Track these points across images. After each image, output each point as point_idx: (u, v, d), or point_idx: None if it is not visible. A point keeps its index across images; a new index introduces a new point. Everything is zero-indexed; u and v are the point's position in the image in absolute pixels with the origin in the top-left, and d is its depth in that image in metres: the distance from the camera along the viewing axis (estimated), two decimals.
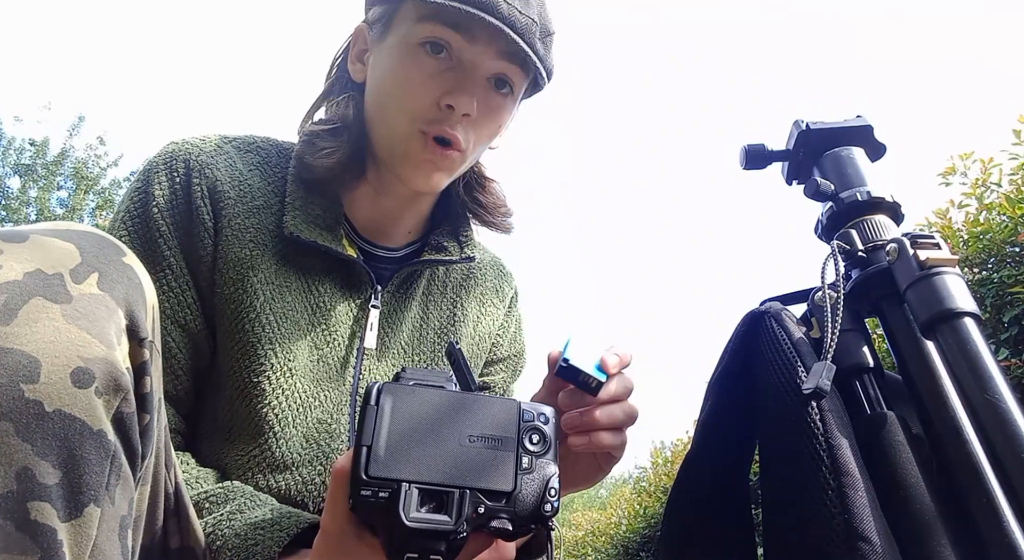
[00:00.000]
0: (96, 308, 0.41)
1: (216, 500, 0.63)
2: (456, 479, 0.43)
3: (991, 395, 0.45)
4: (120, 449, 0.43)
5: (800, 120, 0.62)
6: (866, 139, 0.61)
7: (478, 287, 0.90)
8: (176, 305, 0.70)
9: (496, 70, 0.73)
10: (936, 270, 0.50)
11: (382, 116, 0.74)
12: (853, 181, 0.59)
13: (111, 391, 0.41)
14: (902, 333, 0.53)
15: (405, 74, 0.71)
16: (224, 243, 0.71)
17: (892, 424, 0.51)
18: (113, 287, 0.43)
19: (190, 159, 0.73)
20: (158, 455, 0.51)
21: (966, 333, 0.47)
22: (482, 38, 0.70)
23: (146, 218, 0.71)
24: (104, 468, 0.41)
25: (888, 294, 0.54)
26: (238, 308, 0.70)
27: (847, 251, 0.56)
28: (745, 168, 0.65)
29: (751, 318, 0.60)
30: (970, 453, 0.47)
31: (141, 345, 0.45)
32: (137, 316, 0.44)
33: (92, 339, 0.40)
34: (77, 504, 0.39)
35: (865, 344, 0.55)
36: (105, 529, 0.42)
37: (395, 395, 0.45)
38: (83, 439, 0.39)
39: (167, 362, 0.70)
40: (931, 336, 0.50)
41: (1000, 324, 2.41)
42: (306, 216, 0.74)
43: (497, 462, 0.45)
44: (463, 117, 0.71)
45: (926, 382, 0.51)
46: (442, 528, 0.42)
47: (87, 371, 0.39)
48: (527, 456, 0.45)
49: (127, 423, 0.43)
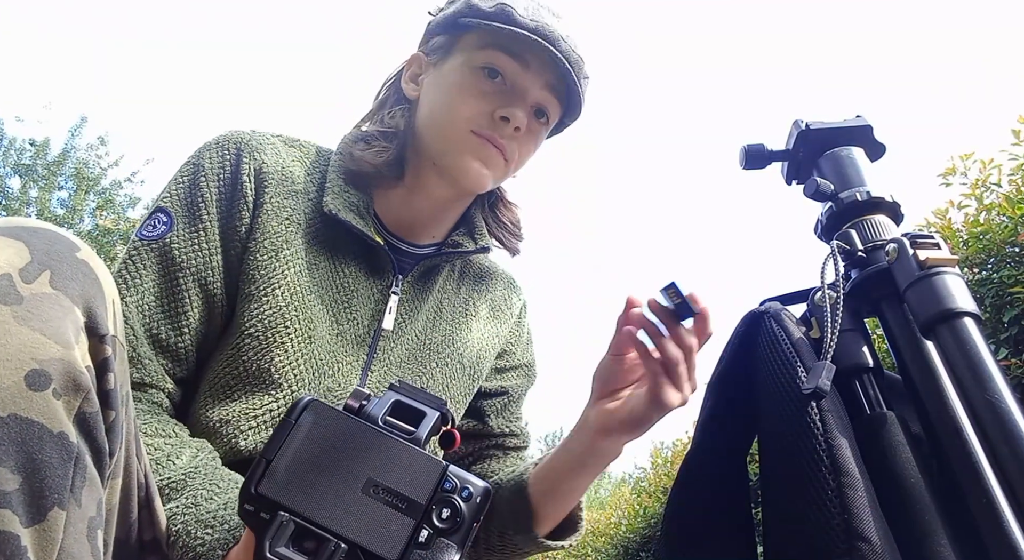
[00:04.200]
0: (50, 307, 0.40)
1: (175, 487, 0.64)
2: (341, 528, 0.40)
3: (991, 395, 0.45)
4: (84, 450, 0.42)
5: (800, 120, 0.62)
6: (866, 139, 0.61)
7: (489, 293, 0.97)
8: (202, 266, 0.76)
9: (540, 100, 0.83)
10: (936, 270, 0.50)
11: (437, 122, 0.83)
12: (853, 181, 0.59)
13: (70, 391, 0.40)
14: (902, 333, 0.53)
15: (463, 89, 0.81)
16: (263, 216, 0.78)
17: (892, 424, 0.51)
18: (67, 284, 0.42)
19: (241, 142, 0.82)
20: (128, 447, 0.51)
21: (966, 333, 0.47)
22: (534, 68, 0.81)
23: (194, 185, 0.79)
24: (67, 470, 0.40)
25: (888, 294, 0.54)
26: (270, 276, 0.76)
27: (847, 251, 0.56)
28: (745, 168, 0.65)
29: (750, 318, 0.60)
30: (970, 453, 0.47)
31: (102, 341, 0.44)
32: (96, 312, 0.43)
33: (46, 340, 0.39)
34: (40, 508, 0.39)
35: (865, 344, 0.55)
36: (72, 532, 0.41)
37: (317, 416, 0.43)
38: (42, 442, 0.39)
39: (177, 318, 0.74)
40: (931, 336, 0.50)
41: (1000, 324, 2.40)
42: (343, 201, 0.82)
43: (392, 525, 0.40)
44: (515, 131, 0.81)
45: (926, 382, 0.51)
46: None
47: (42, 373, 0.39)
48: (428, 530, 0.40)
49: (91, 422, 0.42)
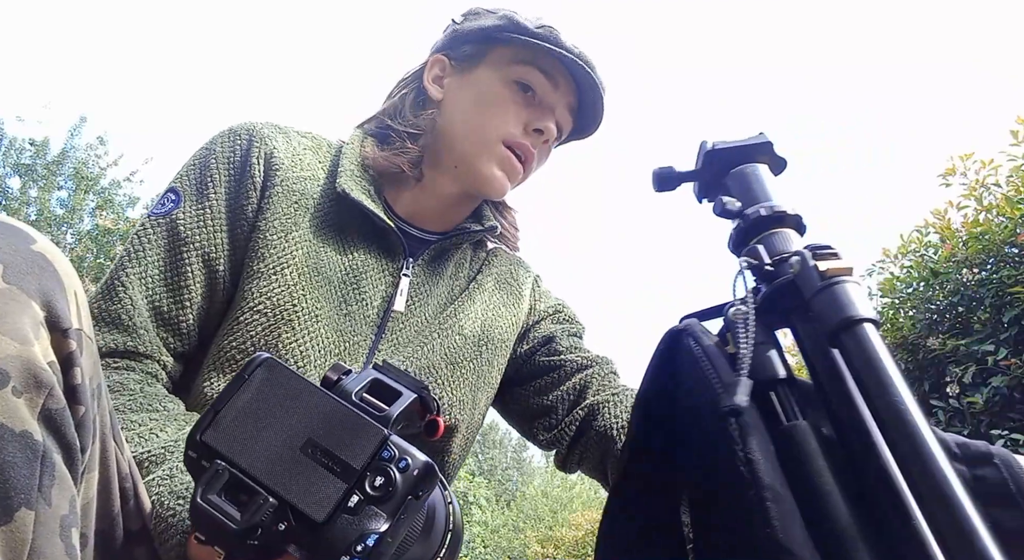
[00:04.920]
0: (4, 303, 0.39)
1: (155, 461, 0.64)
2: (273, 484, 0.40)
3: (891, 398, 0.46)
4: (52, 447, 0.41)
5: (705, 141, 0.63)
6: (768, 155, 0.63)
7: (495, 268, 1.00)
8: (206, 242, 0.78)
9: (561, 119, 0.89)
10: (835, 280, 0.51)
11: (471, 128, 0.87)
12: (758, 197, 0.60)
13: (32, 388, 0.40)
14: (811, 343, 0.54)
15: (499, 99, 0.86)
16: (273, 198, 0.80)
17: (805, 433, 0.52)
18: (22, 278, 0.41)
19: (253, 129, 0.84)
20: (104, 439, 0.50)
21: (866, 339, 0.49)
22: (563, 89, 0.87)
23: (204, 166, 0.81)
24: (34, 470, 0.40)
25: (796, 306, 0.55)
26: (280, 255, 0.78)
27: (755, 266, 0.57)
28: (657, 191, 0.67)
29: (670, 336, 0.61)
30: (879, 455, 0.48)
31: (66, 335, 0.43)
32: (56, 306, 0.42)
33: (1, 337, 0.39)
34: (6, 509, 0.38)
35: (778, 356, 0.56)
36: (43, 531, 0.40)
37: (269, 373, 0.43)
38: (4, 442, 0.38)
39: (179, 291, 0.76)
40: (836, 344, 0.51)
41: (1000, 324, 2.46)
42: (356, 184, 0.84)
43: (323, 485, 0.40)
44: (543, 143, 0.87)
45: (836, 390, 0.52)
46: (225, 523, 0.39)
47: (0, 371, 0.38)
48: (358, 496, 0.40)
49: (57, 419, 0.42)
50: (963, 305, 2.69)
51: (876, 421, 0.48)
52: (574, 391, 0.93)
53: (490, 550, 10.03)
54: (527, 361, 0.98)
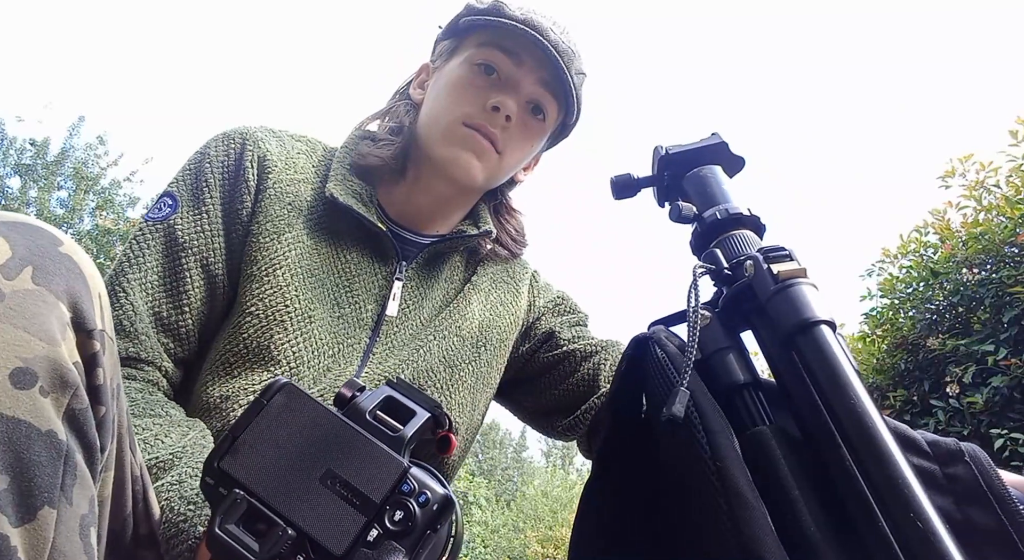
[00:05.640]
0: (33, 304, 0.40)
1: (163, 466, 0.64)
2: (292, 515, 0.40)
3: (847, 399, 0.46)
4: (75, 447, 0.42)
5: (660, 146, 0.63)
6: (723, 156, 0.63)
7: (491, 267, 0.99)
8: (204, 247, 0.78)
9: (534, 94, 0.87)
10: (789, 282, 0.51)
11: (435, 116, 0.87)
12: (715, 199, 0.60)
13: (58, 388, 0.40)
14: (771, 345, 0.54)
15: (460, 83, 0.86)
16: (266, 201, 0.81)
17: (771, 439, 0.52)
18: (51, 280, 0.42)
19: (247, 133, 0.85)
20: (120, 440, 0.51)
21: (823, 341, 0.49)
22: (528, 63, 0.85)
23: (199, 171, 0.82)
24: (57, 469, 0.40)
25: (755, 308, 0.56)
26: (272, 257, 0.78)
27: (714, 270, 0.57)
28: (617, 198, 0.67)
29: (637, 342, 0.60)
30: (843, 457, 0.48)
31: (90, 336, 0.43)
32: (82, 307, 0.43)
33: (30, 337, 0.39)
34: (29, 508, 0.38)
35: (743, 360, 0.56)
36: (64, 530, 0.41)
37: (288, 399, 0.43)
38: (30, 441, 0.39)
39: (179, 297, 0.76)
40: (793, 346, 0.51)
41: (1000, 324, 2.46)
42: (346, 188, 0.85)
43: (343, 519, 0.40)
44: (506, 120, 0.84)
45: (798, 391, 0.52)
46: (245, 555, 0.39)
47: (28, 371, 0.39)
48: (377, 530, 0.40)
49: (80, 419, 0.42)
50: (963, 305, 2.66)
51: (834, 422, 0.48)
52: (586, 380, 0.93)
53: (490, 550, 10.01)
54: (531, 359, 0.98)
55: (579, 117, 0.94)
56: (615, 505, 0.59)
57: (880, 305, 3.09)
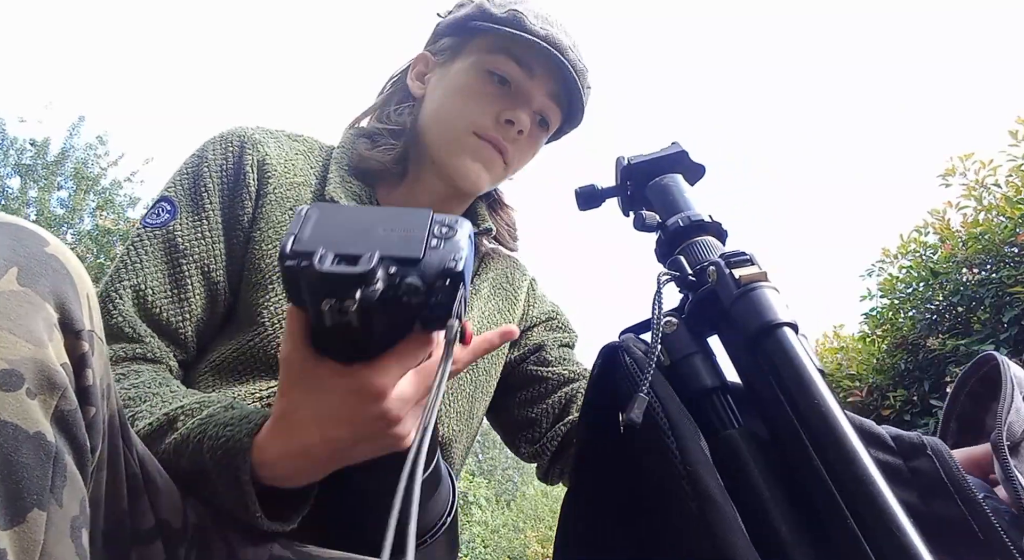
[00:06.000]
0: (18, 305, 0.40)
1: (189, 413, 0.64)
2: (369, 248, 0.47)
3: (812, 399, 0.47)
4: (64, 449, 0.42)
5: (622, 156, 0.64)
6: (683, 164, 0.64)
7: (490, 272, 0.99)
8: (205, 254, 0.77)
9: (543, 107, 0.87)
10: (751, 286, 0.52)
11: (442, 120, 0.86)
12: (677, 207, 0.61)
13: (45, 390, 0.40)
14: (737, 349, 0.55)
15: (471, 90, 0.85)
16: (268, 206, 0.80)
17: (740, 442, 0.53)
18: (36, 281, 0.41)
19: (245, 135, 0.84)
20: (113, 438, 0.51)
21: (786, 343, 0.50)
22: (540, 75, 0.85)
23: (197, 175, 0.80)
24: (46, 471, 0.40)
25: (720, 313, 0.56)
26: (275, 265, 0.77)
27: (678, 277, 0.58)
28: (582, 209, 0.68)
29: (607, 351, 0.61)
30: (810, 456, 0.49)
31: (79, 337, 0.44)
32: (69, 308, 0.43)
33: (16, 339, 0.39)
34: (18, 510, 0.38)
35: (710, 364, 0.57)
36: (55, 533, 0.40)
37: (322, 209, 0.50)
38: (18, 443, 0.39)
39: (180, 303, 0.75)
40: (757, 349, 0.52)
41: (1000, 324, 2.45)
42: (346, 190, 0.84)
43: (408, 240, 0.48)
44: (517, 134, 0.84)
45: (765, 393, 0.53)
46: (354, 272, 0.44)
47: (14, 373, 0.39)
48: (435, 239, 0.49)
49: (70, 420, 0.42)
50: (963, 305, 2.66)
51: (799, 422, 0.49)
52: (558, 405, 0.93)
53: (490, 550, 9.99)
54: (516, 368, 0.98)
55: (579, 124, 0.95)
56: (589, 515, 0.60)
57: (880, 305, 3.09)
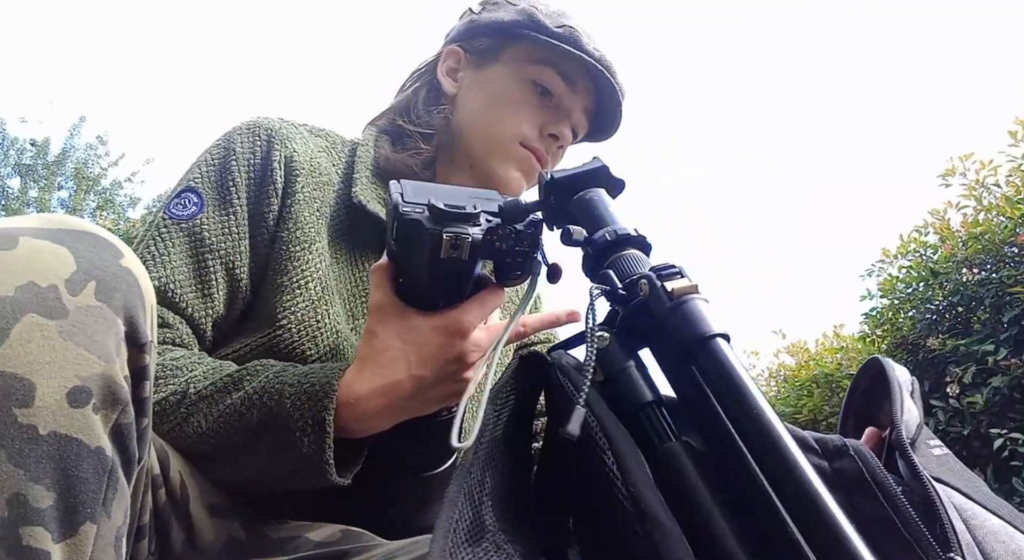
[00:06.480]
0: (94, 321, 0.41)
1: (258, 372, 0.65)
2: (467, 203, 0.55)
3: (749, 408, 0.47)
4: (117, 462, 0.42)
5: (544, 171, 0.64)
6: (605, 179, 0.64)
7: None
8: (231, 250, 0.76)
9: (578, 123, 0.89)
10: (684, 299, 0.52)
11: (487, 127, 0.86)
12: (603, 221, 0.61)
13: (108, 405, 0.41)
14: (669, 362, 0.55)
15: (515, 100, 0.85)
16: (296, 206, 0.78)
17: (678, 455, 0.52)
18: (111, 295, 0.42)
19: (272, 130, 0.81)
20: None
21: (720, 354, 0.50)
22: (581, 92, 0.86)
23: (224, 167, 0.78)
24: (101, 484, 0.41)
25: (652, 326, 0.56)
26: (303, 268, 0.76)
27: (608, 291, 0.58)
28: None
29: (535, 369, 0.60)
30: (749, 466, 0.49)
31: (142, 350, 0.44)
32: (137, 322, 0.44)
33: (90, 355, 0.40)
34: (72, 523, 0.39)
35: (645, 377, 0.57)
36: (101, 544, 0.41)
37: (408, 182, 0.56)
38: (80, 459, 0.39)
39: (203, 299, 0.74)
40: (692, 360, 0.52)
41: (1000, 324, 2.47)
42: (372, 193, 0.82)
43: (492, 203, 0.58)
44: (558, 148, 0.87)
45: (700, 405, 0.53)
46: (466, 211, 0.53)
47: (84, 389, 0.39)
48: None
49: (124, 433, 0.43)
50: (963, 305, 2.70)
51: (738, 432, 0.49)
52: None
53: None
54: None
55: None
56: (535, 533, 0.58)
57: (880, 305, 3.12)
